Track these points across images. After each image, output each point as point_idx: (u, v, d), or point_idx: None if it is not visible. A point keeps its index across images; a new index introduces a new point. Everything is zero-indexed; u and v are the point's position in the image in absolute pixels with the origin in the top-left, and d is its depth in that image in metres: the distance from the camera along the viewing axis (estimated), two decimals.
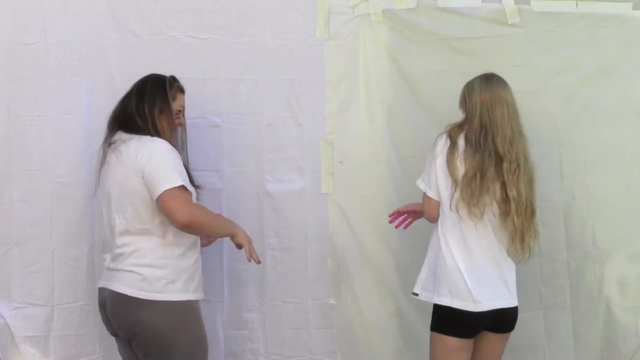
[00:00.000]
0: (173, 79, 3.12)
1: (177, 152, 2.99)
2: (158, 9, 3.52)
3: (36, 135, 3.43)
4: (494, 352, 3.17)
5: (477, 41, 3.64)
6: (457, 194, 3.03)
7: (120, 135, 3.01)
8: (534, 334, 3.55)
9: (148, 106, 3.00)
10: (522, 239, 3.05)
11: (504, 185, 3.03)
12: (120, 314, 2.94)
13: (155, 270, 2.90)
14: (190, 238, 2.99)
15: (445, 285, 3.05)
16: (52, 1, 3.45)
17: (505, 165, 3.02)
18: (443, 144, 3.08)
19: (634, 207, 3.60)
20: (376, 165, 3.63)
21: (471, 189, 3.01)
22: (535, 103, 3.61)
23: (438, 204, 3.11)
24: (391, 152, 3.63)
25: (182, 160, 3.04)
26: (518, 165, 3.04)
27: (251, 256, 3.07)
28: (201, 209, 2.99)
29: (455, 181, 3.04)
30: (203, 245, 3.18)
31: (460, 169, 3.04)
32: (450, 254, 3.06)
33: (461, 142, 3.06)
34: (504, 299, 3.09)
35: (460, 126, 3.11)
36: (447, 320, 3.06)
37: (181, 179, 2.89)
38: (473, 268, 3.04)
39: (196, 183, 3.13)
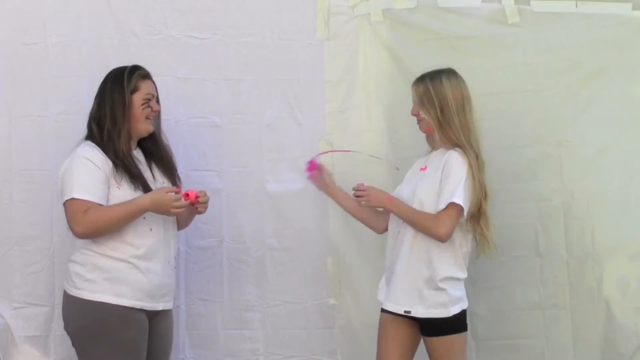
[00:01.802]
0: (133, 69, 3.03)
1: (93, 157, 2.90)
2: (158, 9, 3.53)
3: (36, 135, 3.44)
4: None
5: (477, 41, 3.63)
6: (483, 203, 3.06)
7: None
8: (534, 334, 3.55)
9: (109, 108, 2.95)
10: None
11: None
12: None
13: (77, 266, 2.93)
14: (120, 239, 2.93)
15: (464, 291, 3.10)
16: (52, 1, 3.47)
17: (480, 161, 3.07)
18: (474, 158, 3.03)
19: (634, 207, 3.59)
20: (376, 165, 3.63)
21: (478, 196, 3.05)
22: (535, 103, 3.61)
23: None
24: (391, 152, 3.63)
25: (163, 152, 3.07)
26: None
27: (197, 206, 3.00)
28: (94, 214, 2.84)
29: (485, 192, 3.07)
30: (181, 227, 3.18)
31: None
32: (462, 264, 3.09)
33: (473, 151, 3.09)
34: None
35: (443, 130, 3.09)
36: (464, 319, 3.11)
37: (76, 190, 2.85)
38: None
39: (181, 184, 3.13)
